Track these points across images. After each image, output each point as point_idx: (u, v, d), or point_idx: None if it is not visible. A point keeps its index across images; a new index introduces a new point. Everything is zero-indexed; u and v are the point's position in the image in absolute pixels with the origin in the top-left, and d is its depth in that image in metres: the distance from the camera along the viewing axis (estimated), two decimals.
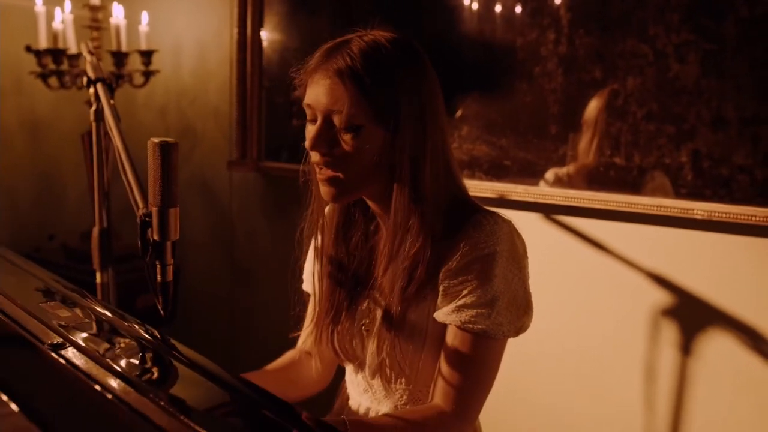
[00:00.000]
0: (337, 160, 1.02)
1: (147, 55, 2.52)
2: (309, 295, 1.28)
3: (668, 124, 1.68)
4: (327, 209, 1.16)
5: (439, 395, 1.03)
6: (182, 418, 0.64)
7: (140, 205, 1.13)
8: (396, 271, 1.04)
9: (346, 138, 1.00)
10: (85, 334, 0.90)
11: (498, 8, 1.94)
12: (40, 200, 2.84)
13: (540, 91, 1.88)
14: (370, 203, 1.11)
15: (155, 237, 1.00)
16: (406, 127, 1.00)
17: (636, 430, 1.84)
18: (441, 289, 1.03)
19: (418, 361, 1.07)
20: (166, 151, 0.97)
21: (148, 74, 2.55)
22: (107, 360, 0.80)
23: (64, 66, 2.42)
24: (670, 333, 1.78)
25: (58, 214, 2.89)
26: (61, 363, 0.80)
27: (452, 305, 1.01)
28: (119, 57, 2.44)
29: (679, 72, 1.66)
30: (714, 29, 1.61)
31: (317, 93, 1.02)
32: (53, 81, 2.42)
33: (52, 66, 2.38)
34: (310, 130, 1.04)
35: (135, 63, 2.57)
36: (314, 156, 1.04)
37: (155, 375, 0.82)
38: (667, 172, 1.71)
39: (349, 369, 1.20)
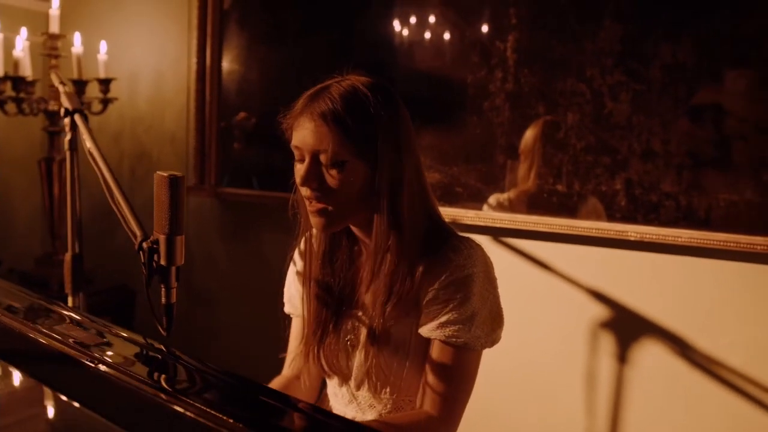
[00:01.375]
0: (325, 194, 1.13)
1: (105, 83, 2.57)
2: (290, 318, 1.38)
3: (604, 156, 1.88)
4: (314, 236, 1.27)
5: (427, 402, 1.15)
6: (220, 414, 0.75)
7: (137, 233, 1.22)
8: (378, 289, 1.16)
9: (333, 173, 1.12)
10: (110, 352, 0.98)
11: (451, 48, 2.11)
12: None
13: (489, 125, 2.05)
14: (354, 229, 1.22)
15: (162, 262, 1.09)
16: (384, 159, 1.12)
17: None
18: (424, 307, 1.15)
19: (402, 371, 1.18)
20: (174, 183, 1.06)
21: (106, 101, 2.60)
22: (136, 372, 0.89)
23: (22, 93, 2.44)
24: (608, 343, 1.96)
25: (6, 239, 2.87)
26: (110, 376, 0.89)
27: (435, 322, 1.14)
28: (79, 85, 2.48)
29: (613, 109, 1.86)
30: (643, 72, 1.82)
31: (304, 135, 1.13)
32: (11, 107, 2.44)
33: (11, 93, 2.40)
34: (299, 168, 1.15)
35: (93, 90, 2.61)
36: (305, 191, 1.15)
37: (183, 382, 0.92)
38: (603, 198, 1.90)
39: (333, 383, 1.31)
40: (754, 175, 1.71)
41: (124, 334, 1.08)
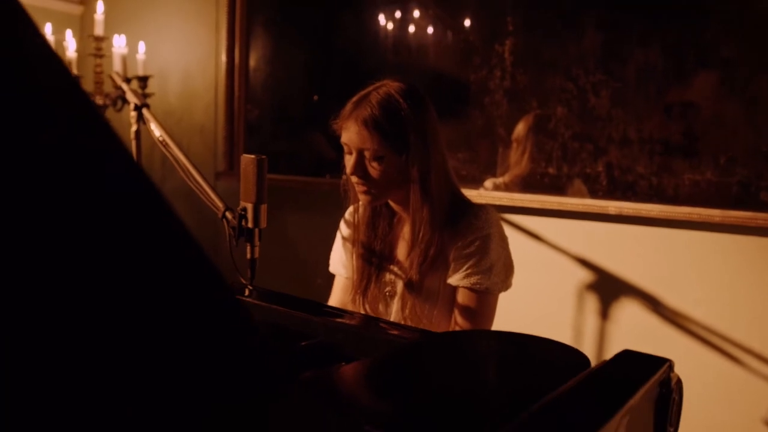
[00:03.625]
0: (369, 179, 1.45)
1: (144, 80, 2.87)
2: (333, 276, 1.70)
3: (588, 143, 2.21)
4: (360, 207, 1.58)
5: None
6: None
7: (219, 205, 1.53)
8: (416, 252, 1.48)
9: (374, 165, 1.44)
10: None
11: (456, 51, 2.43)
12: None
13: (489, 117, 2.38)
14: (392, 203, 1.54)
15: (249, 225, 1.41)
16: (414, 151, 1.44)
17: None
18: (452, 261, 1.46)
19: (432, 316, 1.50)
20: (260, 163, 1.38)
21: (144, 96, 2.90)
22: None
23: None
24: (592, 303, 2.31)
25: None
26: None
27: (462, 273, 1.45)
28: (126, 82, 2.77)
29: (595, 103, 2.19)
30: (620, 71, 2.16)
31: (351, 135, 1.45)
32: None
33: None
34: (348, 159, 1.47)
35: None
36: (353, 178, 1.47)
37: None
38: (588, 179, 2.23)
39: None
40: (713, 159, 2.05)
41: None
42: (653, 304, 2.21)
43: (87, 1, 3.34)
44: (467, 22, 2.42)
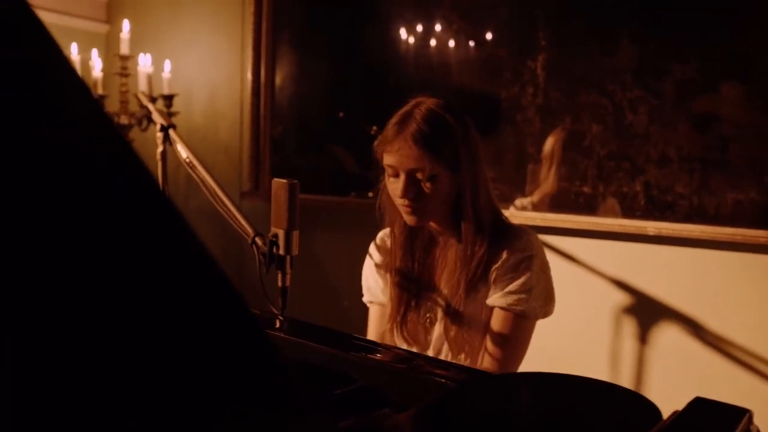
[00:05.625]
0: (420, 200, 1.38)
1: (169, 99, 2.85)
2: (360, 297, 1.64)
3: (625, 161, 2.14)
4: (396, 232, 1.52)
5: (486, 362, 1.41)
6: None
7: (249, 231, 1.48)
8: (464, 272, 1.41)
9: (428, 185, 1.37)
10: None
11: (488, 67, 2.38)
12: None
13: (521, 134, 2.32)
14: (433, 225, 1.48)
15: (280, 252, 1.36)
16: (465, 167, 1.38)
17: None
18: (492, 282, 1.40)
19: (475, 340, 1.44)
20: (293, 189, 1.33)
21: (169, 115, 2.88)
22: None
23: None
24: (629, 327, 2.22)
25: None
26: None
27: (500, 293, 1.39)
28: (152, 101, 2.76)
29: (632, 120, 2.12)
30: (658, 87, 2.09)
31: (400, 157, 1.37)
32: None
33: None
34: (394, 182, 1.40)
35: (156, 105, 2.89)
36: (402, 201, 1.39)
37: None
38: (625, 198, 2.16)
39: None
40: (756, 178, 1.97)
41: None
42: (694, 328, 2.12)
43: (113, 20, 3.34)
44: (495, 37, 2.37)
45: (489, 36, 2.38)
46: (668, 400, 2.13)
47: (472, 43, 2.42)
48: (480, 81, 2.41)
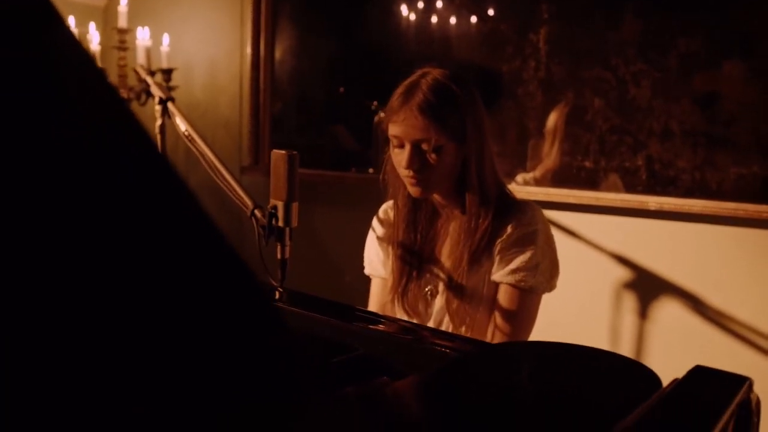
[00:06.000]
0: (425, 171, 1.36)
1: (168, 73, 2.82)
2: (361, 271, 1.63)
3: (627, 136, 2.12)
4: (399, 204, 1.50)
5: (498, 339, 1.40)
6: None
7: (248, 203, 1.47)
8: (467, 244, 1.39)
9: (433, 156, 1.35)
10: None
11: (490, 41, 2.35)
12: None
13: (522, 108, 2.30)
14: (437, 197, 1.46)
15: (279, 224, 1.35)
16: (471, 138, 1.36)
17: None
18: (497, 257, 1.39)
19: (476, 313, 1.43)
20: (292, 160, 1.32)
21: (169, 89, 2.85)
22: None
23: None
24: (630, 302, 2.22)
25: None
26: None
27: (506, 269, 1.38)
28: (150, 75, 2.73)
29: (635, 94, 2.10)
30: (661, 61, 2.06)
31: (404, 127, 1.34)
32: None
33: None
34: (399, 153, 1.37)
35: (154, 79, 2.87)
36: (407, 172, 1.37)
37: None
38: (626, 173, 2.15)
39: None
40: (760, 152, 1.95)
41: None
42: (695, 303, 2.12)
43: None
44: (496, 11, 2.34)
45: (491, 12, 2.35)
46: (669, 374, 2.12)
47: (474, 19, 2.39)
48: (481, 55, 2.39)
